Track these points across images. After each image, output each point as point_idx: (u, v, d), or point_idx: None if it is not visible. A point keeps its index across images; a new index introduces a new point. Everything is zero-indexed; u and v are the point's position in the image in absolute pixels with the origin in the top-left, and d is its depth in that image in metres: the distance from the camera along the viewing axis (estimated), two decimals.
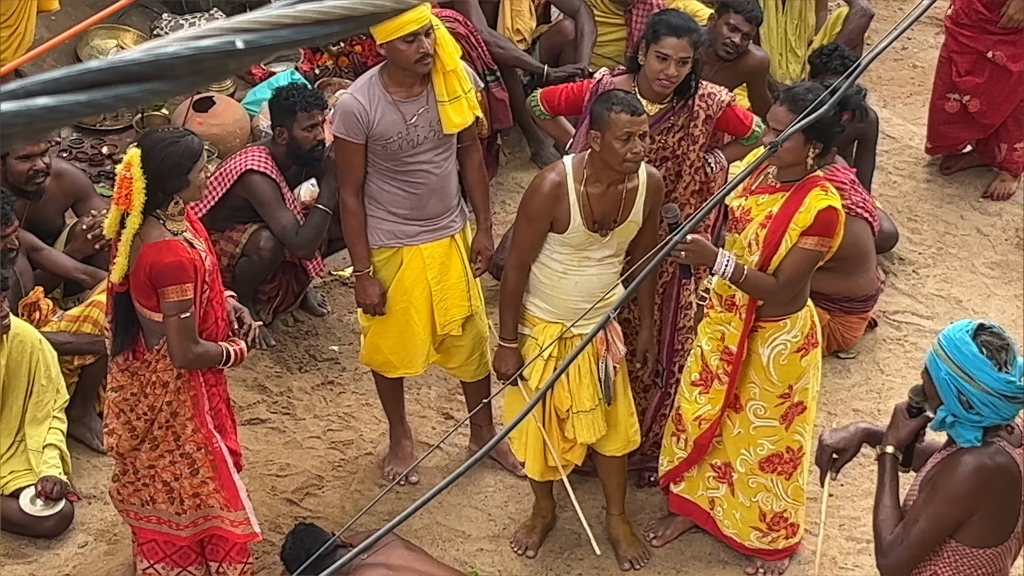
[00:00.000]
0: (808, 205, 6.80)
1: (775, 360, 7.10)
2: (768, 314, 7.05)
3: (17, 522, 7.65)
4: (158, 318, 6.59)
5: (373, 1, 1.21)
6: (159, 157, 6.44)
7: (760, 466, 7.36)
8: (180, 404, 6.83)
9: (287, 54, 10.28)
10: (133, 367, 6.79)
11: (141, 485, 7.01)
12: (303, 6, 1.17)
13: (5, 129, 1.11)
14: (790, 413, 7.24)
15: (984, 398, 5.31)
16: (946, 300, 9.37)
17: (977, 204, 10.10)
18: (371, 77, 7.55)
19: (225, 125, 9.83)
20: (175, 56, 1.12)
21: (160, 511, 7.04)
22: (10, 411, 7.73)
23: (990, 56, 9.79)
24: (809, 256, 6.88)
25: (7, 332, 7.49)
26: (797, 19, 10.37)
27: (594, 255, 7.03)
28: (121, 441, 6.90)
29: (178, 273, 6.49)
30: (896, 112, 10.78)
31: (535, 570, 7.65)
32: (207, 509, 7.05)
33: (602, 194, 6.92)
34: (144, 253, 6.46)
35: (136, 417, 6.85)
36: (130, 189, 6.37)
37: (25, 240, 8.08)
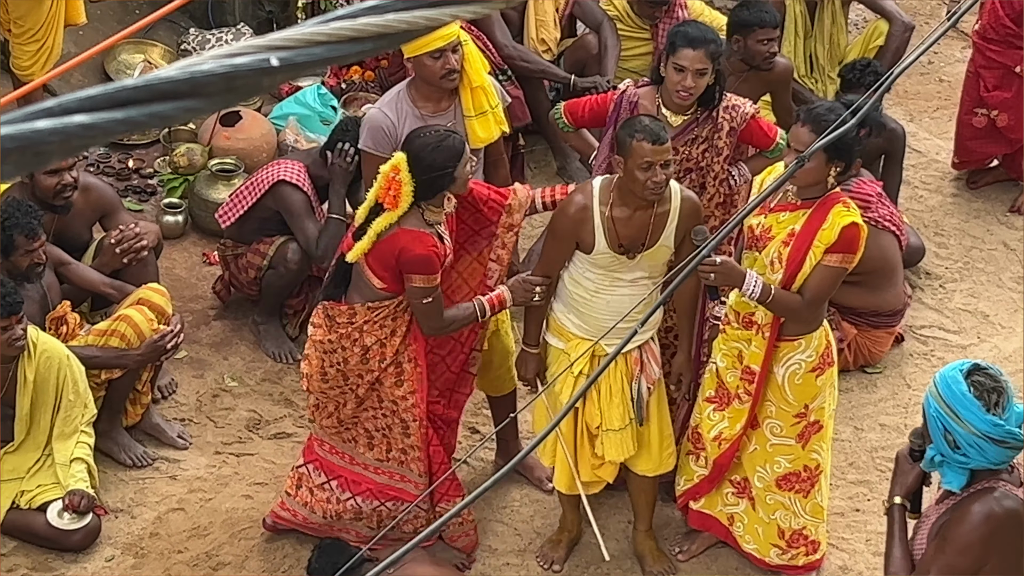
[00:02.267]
0: (832, 222, 6.80)
1: (790, 380, 7.10)
2: (784, 333, 7.06)
3: (44, 536, 7.67)
4: (378, 284, 6.95)
5: (406, 18, 1.22)
6: (426, 161, 6.78)
7: (777, 484, 7.35)
8: (387, 376, 7.14)
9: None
10: (332, 311, 7.12)
11: (343, 428, 7.38)
12: (337, 24, 1.19)
13: (40, 147, 1.12)
14: (807, 432, 7.22)
15: (970, 439, 5.31)
16: (973, 315, 9.36)
17: (1004, 219, 10.09)
18: (399, 91, 7.60)
19: (252, 140, 9.85)
20: (210, 74, 1.13)
21: (357, 453, 7.42)
22: (38, 426, 7.76)
23: (1018, 71, 9.79)
24: (834, 273, 6.89)
25: (22, 352, 7.52)
26: (828, 43, 10.36)
27: (625, 276, 7.03)
28: (311, 381, 7.28)
29: (426, 265, 6.84)
30: (923, 126, 10.77)
31: None
32: (405, 470, 7.37)
33: (628, 218, 6.90)
34: (398, 235, 6.82)
35: (329, 364, 7.18)
36: (399, 191, 6.73)
37: (52, 254, 8.10)
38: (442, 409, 7.34)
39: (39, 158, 1.11)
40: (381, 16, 1.18)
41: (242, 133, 9.87)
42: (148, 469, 8.15)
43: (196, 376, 8.71)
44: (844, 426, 7.87)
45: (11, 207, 7.75)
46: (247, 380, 8.72)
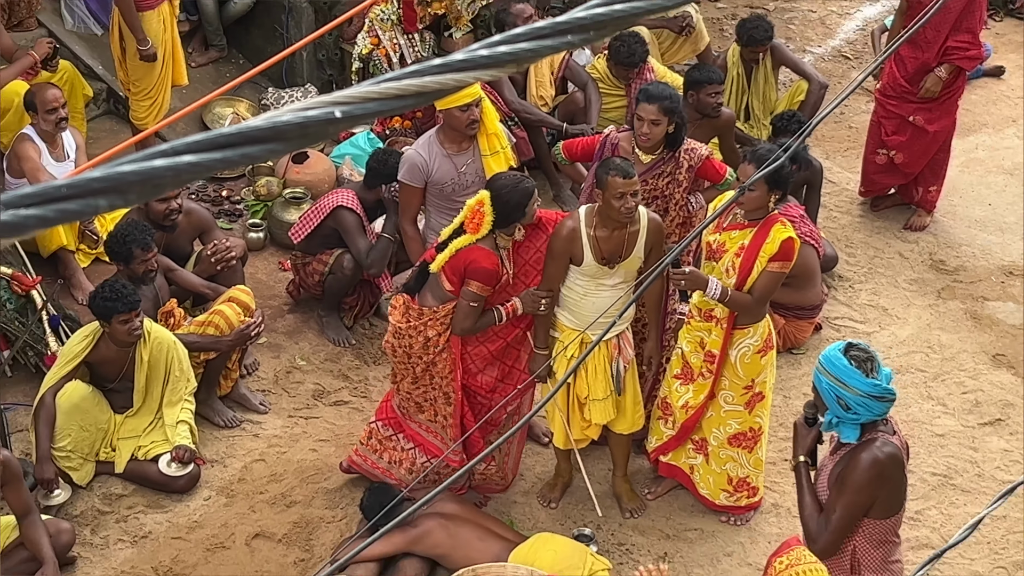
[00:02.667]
0: (773, 237, 6.87)
1: (741, 359, 7.18)
2: (737, 324, 7.12)
3: (156, 481, 7.68)
4: (448, 287, 6.95)
5: (439, 80, 1.22)
6: (504, 199, 6.79)
7: (728, 441, 7.40)
8: (440, 359, 7.13)
9: None
10: (408, 304, 7.11)
11: (404, 395, 7.38)
12: (385, 85, 1.19)
13: (157, 180, 1.12)
14: (752, 401, 7.30)
15: (859, 400, 5.51)
16: (875, 308, 9.35)
17: (899, 234, 10.08)
18: (430, 136, 7.63)
19: (316, 174, 9.87)
20: (288, 123, 1.13)
21: (413, 415, 7.43)
22: (151, 396, 7.77)
23: (911, 120, 9.77)
24: (776, 277, 6.96)
25: (139, 339, 7.53)
26: (762, 98, 10.38)
27: (607, 282, 7.03)
28: (391, 356, 7.33)
29: (487, 277, 6.85)
30: (836, 163, 10.77)
31: (556, 518, 7.64)
32: (444, 434, 7.37)
33: (608, 236, 6.91)
34: (473, 249, 6.83)
35: (398, 344, 7.17)
36: (481, 220, 6.77)
37: (162, 263, 8.11)
38: (479, 381, 7.32)
39: (155, 189, 1.12)
40: (419, 78, 1.19)
41: (309, 169, 9.89)
42: (236, 429, 8.16)
43: (273, 357, 8.72)
44: (775, 396, 7.85)
45: (129, 226, 7.77)
46: (313, 360, 8.72)
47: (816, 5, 13.12)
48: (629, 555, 7.43)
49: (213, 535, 7.47)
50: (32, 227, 1.06)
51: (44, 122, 8.69)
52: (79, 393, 7.62)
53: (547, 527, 7.47)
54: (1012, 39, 12.78)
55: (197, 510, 7.63)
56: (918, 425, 8.37)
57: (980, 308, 9.41)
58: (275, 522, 7.54)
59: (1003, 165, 11.00)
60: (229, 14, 10.93)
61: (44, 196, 1.07)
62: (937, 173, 10.08)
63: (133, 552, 7.38)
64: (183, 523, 7.55)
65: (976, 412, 8.50)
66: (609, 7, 1.30)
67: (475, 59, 1.23)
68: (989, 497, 7.61)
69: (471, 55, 1.24)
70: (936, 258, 9.87)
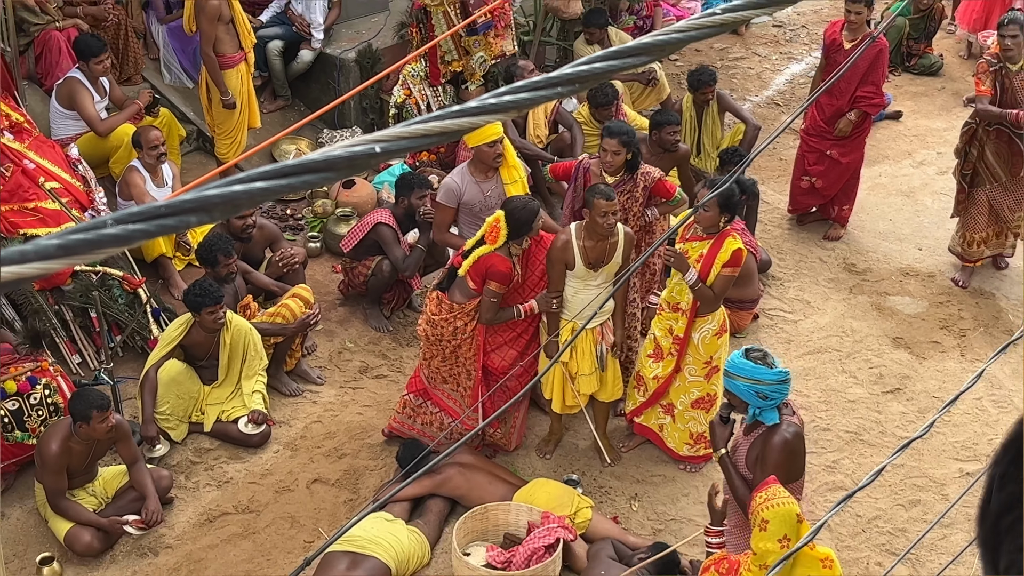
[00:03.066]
0: (726, 247, 6.95)
1: (703, 340, 7.20)
2: (699, 313, 7.14)
3: (236, 438, 7.69)
4: (472, 286, 7.00)
5: (457, 122, 1.22)
6: (516, 216, 6.86)
7: (692, 405, 7.40)
8: (466, 345, 7.16)
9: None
10: (441, 300, 7.15)
11: (434, 370, 7.38)
12: (415, 127, 1.19)
13: (236, 201, 1.12)
14: (710, 373, 7.29)
15: (773, 388, 5.54)
16: (801, 302, 9.34)
17: (819, 243, 10.07)
18: (463, 167, 7.71)
19: (362, 196, 9.85)
20: (339, 157, 1.13)
21: (440, 385, 7.43)
22: (232, 371, 7.77)
23: (828, 153, 9.75)
24: (728, 279, 7.03)
25: (223, 327, 7.55)
26: (710, 136, 10.37)
27: (592, 283, 7.04)
28: (423, 341, 7.34)
29: (502, 278, 6.93)
30: (770, 187, 10.75)
31: (550, 467, 7.63)
32: (465, 403, 7.37)
33: (594, 246, 6.95)
34: (491, 257, 6.92)
35: (432, 332, 7.20)
36: (498, 233, 6.85)
37: (240, 267, 8.13)
38: (495, 363, 7.31)
39: (235, 208, 1.11)
40: (442, 121, 1.18)
41: (355, 192, 9.87)
42: (299, 397, 8.15)
43: (328, 340, 8.71)
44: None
45: (215, 238, 7.79)
46: (359, 343, 8.72)
47: (754, 63, 13.11)
48: (607, 495, 7.42)
49: (281, 480, 7.47)
50: (138, 238, 1.06)
51: (147, 156, 8.71)
52: (175, 369, 7.63)
53: (543, 474, 7.46)
54: (908, 90, 12.77)
55: (268, 460, 7.63)
56: (834, 393, 8.36)
57: (883, 301, 9.40)
58: (329, 470, 7.54)
59: (901, 189, 10.99)
60: (293, 71, 10.93)
61: (148, 214, 1.07)
62: (849, 195, 10.07)
63: (218, 494, 7.39)
64: (257, 471, 7.55)
65: (880, 383, 8.49)
66: (590, 65, 1.30)
67: (485, 106, 1.23)
68: (890, 450, 7.61)
69: (483, 103, 1.24)
70: (848, 262, 9.86)
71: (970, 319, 9.17)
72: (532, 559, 6.57)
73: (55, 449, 6.71)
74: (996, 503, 1.07)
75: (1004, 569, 1.04)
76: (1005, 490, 1.06)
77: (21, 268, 1.01)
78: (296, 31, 10.81)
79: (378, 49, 10.84)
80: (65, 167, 8.48)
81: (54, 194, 8.12)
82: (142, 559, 6.92)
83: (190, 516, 7.21)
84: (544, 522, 6.75)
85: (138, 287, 8.14)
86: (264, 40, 10.54)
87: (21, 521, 7.11)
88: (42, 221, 7.99)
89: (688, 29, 1.39)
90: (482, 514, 6.93)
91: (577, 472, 7.51)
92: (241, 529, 7.13)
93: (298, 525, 7.16)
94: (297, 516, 7.22)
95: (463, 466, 7.22)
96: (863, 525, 7.26)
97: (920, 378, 8.54)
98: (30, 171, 8.17)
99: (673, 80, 11.84)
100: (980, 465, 7.67)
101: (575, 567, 6.70)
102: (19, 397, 7.17)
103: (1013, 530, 1.03)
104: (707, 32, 1.45)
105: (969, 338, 8.97)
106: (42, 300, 7.93)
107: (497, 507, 6.96)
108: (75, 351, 8.04)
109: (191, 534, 7.10)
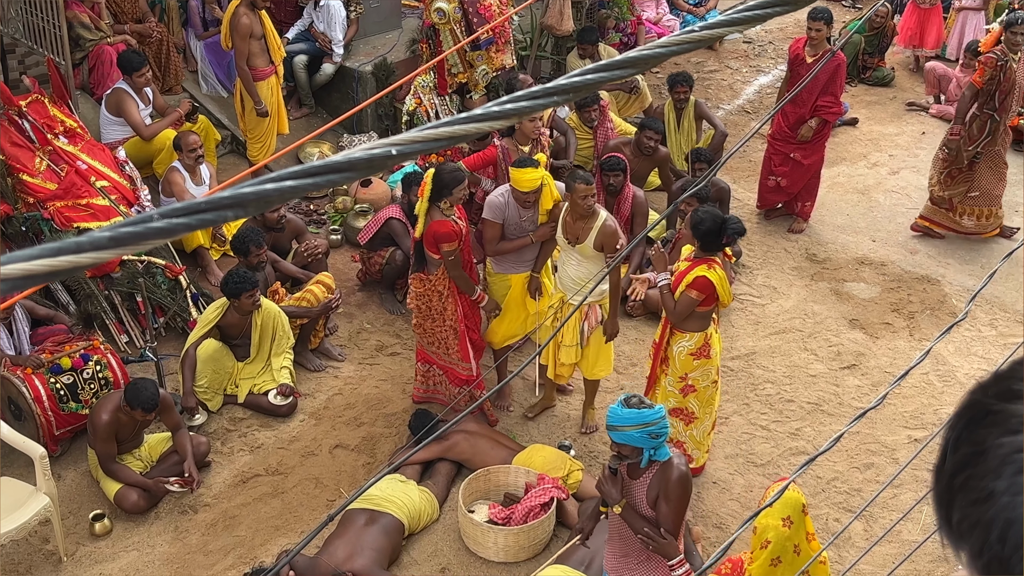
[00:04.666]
0: (695, 271, 6.46)
1: (678, 355, 6.71)
2: (678, 328, 6.67)
3: (267, 408, 7.68)
4: (437, 257, 6.94)
5: (462, 128, 1.22)
6: (440, 177, 6.85)
7: (670, 412, 6.74)
8: (448, 303, 7.13)
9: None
10: (422, 278, 7.12)
11: (427, 336, 7.35)
12: (426, 131, 1.19)
13: (267, 197, 1.13)
14: (685, 390, 6.80)
15: (660, 425, 5.02)
16: (767, 287, 9.33)
17: (784, 236, 10.05)
18: (507, 189, 7.29)
19: (377, 193, 9.83)
20: (359, 158, 1.13)
21: (433, 351, 7.40)
22: (263, 349, 7.77)
23: (792, 156, 9.75)
24: (689, 300, 6.49)
25: (256, 309, 7.54)
26: (687, 138, 10.36)
27: (572, 257, 7.04)
28: (415, 313, 7.33)
29: (448, 237, 6.84)
30: (740, 186, 10.74)
31: (545, 434, 7.60)
32: (456, 361, 7.33)
33: (573, 223, 6.94)
34: (431, 226, 6.85)
35: (421, 303, 7.21)
36: (424, 190, 6.88)
37: (270, 256, 8.11)
38: (476, 335, 7.37)
39: (267, 204, 1.11)
40: (448, 127, 1.18)
41: (372, 190, 9.85)
42: (322, 373, 8.15)
43: (348, 321, 8.70)
44: None
45: (248, 231, 7.77)
46: (375, 324, 8.71)
47: (726, 75, 13.08)
48: (596, 459, 7.42)
49: (306, 446, 7.47)
50: (181, 231, 1.06)
51: (187, 158, 8.69)
52: (212, 347, 7.62)
53: (539, 440, 7.45)
54: (863, 99, 12.75)
55: (295, 428, 7.63)
56: (798, 369, 8.36)
57: (840, 287, 9.40)
58: (349, 437, 7.55)
59: (856, 187, 10.97)
60: (316, 82, 10.90)
61: (189, 209, 1.06)
62: (811, 193, 10.06)
63: (250, 458, 7.39)
64: (285, 437, 7.55)
65: (838, 359, 8.49)
66: (583, 76, 1.30)
67: (489, 113, 1.23)
68: (847, 419, 7.62)
69: (487, 110, 1.23)
70: (810, 252, 9.85)
71: (918, 303, 9.17)
72: (529, 516, 6.59)
73: (105, 419, 6.71)
74: (950, 464, 1.08)
75: (956, 522, 1.05)
76: (958, 452, 1.07)
77: (78, 258, 1.01)
78: (319, 47, 10.79)
79: (392, 63, 10.81)
80: (114, 168, 8.47)
81: (104, 192, 8.11)
82: (183, 516, 6.93)
83: (225, 478, 7.22)
84: (540, 483, 6.76)
85: (179, 274, 8.14)
86: (291, 55, 10.52)
87: (75, 482, 7.12)
88: (93, 216, 7.99)
89: (669, 44, 1.39)
90: (485, 476, 6.94)
91: (569, 439, 7.51)
92: (271, 489, 7.13)
93: (321, 486, 7.16)
94: (321, 478, 7.22)
95: (468, 433, 7.23)
96: (823, 485, 7.27)
97: (873, 355, 8.54)
98: (82, 171, 8.16)
99: (655, 90, 11.82)
100: (927, 432, 7.68)
101: (567, 523, 6.71)
102: (73, 372, 7.18)
103: (965, 487, 1.04)
104: (686, 47, 1.45)
105: (917, 320, 8.97)
106: (93, 286, 7.93)
107: (498, 469, 6.97)
108: (123, 331, 8.04)
109: (226, 494, 7.10)
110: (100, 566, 6.57)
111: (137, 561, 6.61)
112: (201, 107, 10.14)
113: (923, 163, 11.37)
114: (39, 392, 7.02)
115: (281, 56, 9.68)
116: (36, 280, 1.00)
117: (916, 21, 13.10)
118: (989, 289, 9.04)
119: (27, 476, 6.69)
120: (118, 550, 6.69)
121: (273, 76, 9.56)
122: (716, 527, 6.90)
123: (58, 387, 7.08)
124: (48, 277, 1.01)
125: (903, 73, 13.34)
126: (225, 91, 10.62)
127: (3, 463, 6.90)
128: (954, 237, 10.00)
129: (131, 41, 9.75)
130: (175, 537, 6.77)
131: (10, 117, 8.14)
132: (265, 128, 9.64)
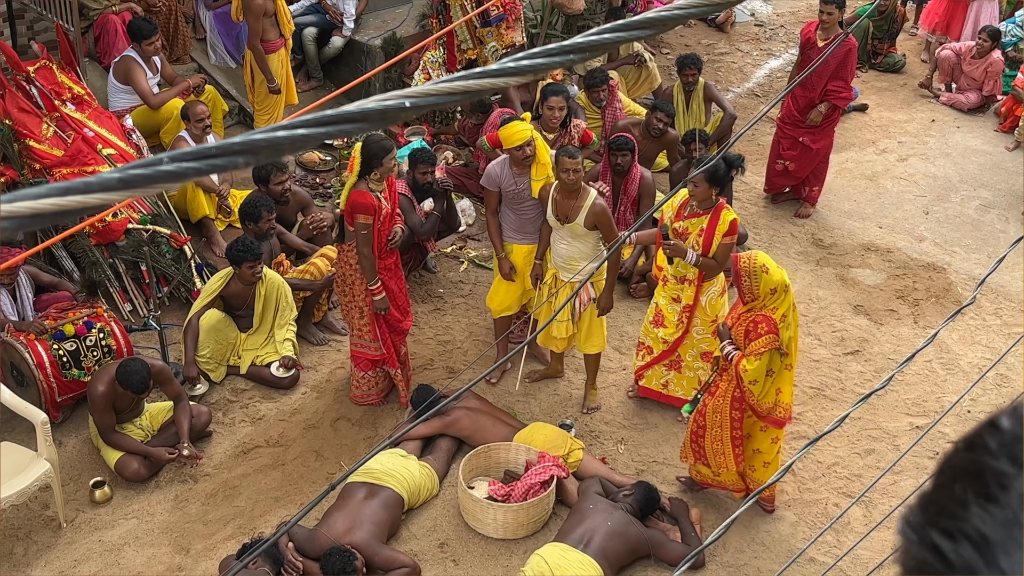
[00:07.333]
0: (723, 219, 6.84)
1: (709, 302, 7.14)
2: (704, 280, 7.08)
3: (269, 380, 7.69)
4: (351, 228, 6.87)
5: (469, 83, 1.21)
6: (368, 148, 6.74)
7: (700, 357, 7.30)
8: (358, 279, 7.03)
9: (418, 129, 10.22)
10: (340, 247, 7.10)
11: (348, 311, 7.26)
12: (442, 85, 1.18)
13: (279, 144, 1.11)
14: (714, 329, 7.06)
15: None
16: None
17: (791, 221, 10.03)
18: (505, 159, 7.36)
19: None
20: (372, 109, 1.12)
21: (356, 337, 7.31)
22: (266, 320, 7.76)
23: (801, 140, 9.71)
24: (729, 246, 6.89)
25: (259, 280, 7.53)
26: (695, 119, 10.33)
27: (564, 235, 7.02)
28: (336, 282, 7.25)
29: (365, 209, 6.75)
30: (749, 169, 10.69)
31: (546, 412, 7.61)
32: (364, 341, 7.26)
33: (561, 200, 6.93)
34: (352, 195, 6.79)
35: (340, 276, 7.16)
36: (353, 164, 6.77)
37: (275, 227, 8.10)
38: (402, 316, 7.30)
39: (277, 152, 1.10)
40: (464, 81, 1.17)
41: None
42: (325, 346, 8.15)
43: None
44: None
45: (257, 199, 7.79)
46: None
47: (737, 58, 13.02)
48: (596, 439, 7.43)
49: (308, 418, 7.48)
50: (191, 175, 1.04)
51: (194, 128, 8.66)
52: (215, 317, 7.63)
53: (540, 418, 7.46)
54: (874, 85, 12.70)
55: (297, 400, 7.64)
56: (801, 353, 8.32)
57: (846, 273, 9.38)
58: (351, 410, 7.55)
59: (865, 173, 10.94)
60: (325, 55, 10.87)
61: (199, 154, 1.05)
62: (819, 178, 10.03)
63: (252, 429, 7.40)
64: (287, 409, 7.56)
65: (841, 345, 8.48)
66: (599, 36, 1.28)
67: (505, 68, 1.21)
68: (849, 404, 7.61)
69: (502, 66, 1.22)
70: (816, 237, 9.83)
71: (923, 290, 9.15)
72: (529, 493, 6.59)
73: (101, 391, 6.72)
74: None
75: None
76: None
77: (86, 198, 0.99)
78: (329, 19, 10.76)
79: (401, 37, 10.77)
80: (120, 136, 8.45)
81: (110, 159, 8.10)
82: (183, 485, 6.94)
83: (226, 448, 7.23)
84: (540, 461, 6.76)
85: (184, 244, 8.13)
86: (300, 27, 10.48)
87: (76, 449, 7.13)
88: None
89: (687, 6, 1.37)
90: (485, 452, 6.94)
91: (570, 418, 7.52)
92: (271, 461, 7.14)
93: (322, 458, 7.17)
94: (321, 450, 7.23)
95: (469, 409, 7.23)
96: (823, 470, 7.27)
97: (877, 341, 8.53)
98: (89, 138, 8.14)
99: (664, 71, 11.77)
100: (928, 420, 7.68)
101: (567, 501, 6.72)
102: (76, 339, 7.18)
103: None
104: (704, 10, 1.43)
105: (922, 307, 8.95)
106: (98, 254, 7.92)
107: (499, 446, 6.97)
108: (127, 300, 8.04)
109: (227, 464, 7.11)
110: (99, 533, 6.59)
111: (136, 529, 6.62)
112: (209, 77, 10.11)
113: (932, 151, 11.34)
114: (42, 358, 7.02)
115: (291, 29, 9.65)
116: (43, 220, 0.99)
117: (945, 9, 12.99)
118: (994, 278, 9.02)
119: (28, 442, 6.70)
120: (118, 517, 6.70)
121: (283, 49, 9.53)
122: (713, 508, 6.90)
123: (61, 354, 7.08)
124: (55, 217, 0.99)
125: (914, 60, 13.27)
126: (234, 62, 10.59)
127: (5, 428, 6.91)
128: (961, 223, 9.98)
129: (137, 10, 9.71)
130: (175, 506, 6.79)
131: (18, 82, 8.12)
132: (274, 101, 9.62)
